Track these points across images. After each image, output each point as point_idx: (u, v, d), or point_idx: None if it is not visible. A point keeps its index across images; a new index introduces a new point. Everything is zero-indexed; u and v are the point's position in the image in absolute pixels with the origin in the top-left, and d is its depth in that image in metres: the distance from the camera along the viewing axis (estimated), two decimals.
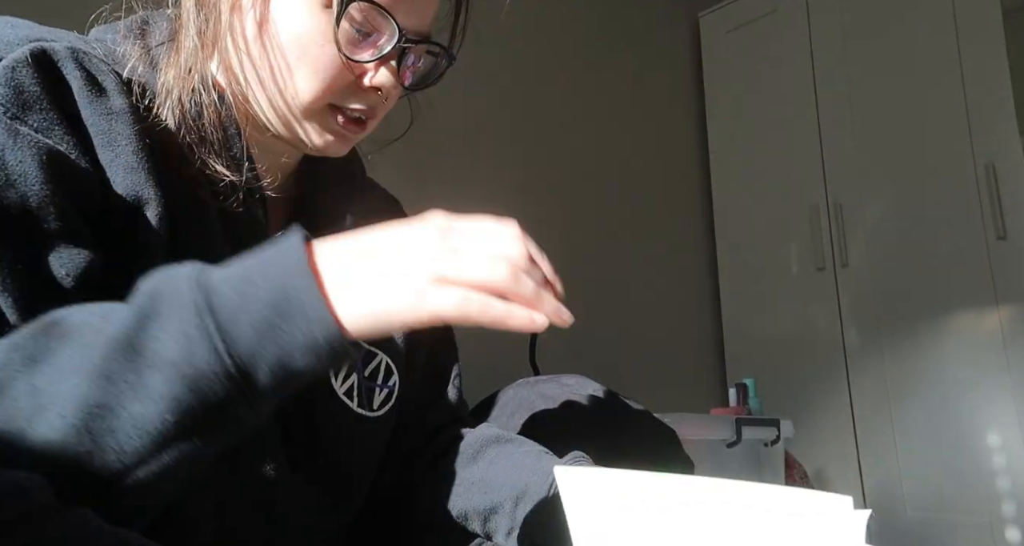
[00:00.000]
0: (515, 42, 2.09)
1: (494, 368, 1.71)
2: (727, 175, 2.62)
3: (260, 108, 0.59)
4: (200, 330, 0.39)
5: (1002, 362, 1.93)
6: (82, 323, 0.41)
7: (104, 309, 0.42)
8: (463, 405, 0.83)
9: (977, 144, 2.04)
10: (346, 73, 0.57)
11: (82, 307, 0.43)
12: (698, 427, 1.53)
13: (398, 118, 0.70)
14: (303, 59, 0.56)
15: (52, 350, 0.39)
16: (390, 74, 0.59)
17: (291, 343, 0.40)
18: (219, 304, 0.39)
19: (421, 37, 0.60)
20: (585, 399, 0.81)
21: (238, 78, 0.58)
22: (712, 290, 2.61)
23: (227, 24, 0.57)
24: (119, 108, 0.51)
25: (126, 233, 0.51)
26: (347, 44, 0.56)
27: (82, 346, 0.39)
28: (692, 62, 2.77)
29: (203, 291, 0.40)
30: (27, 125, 0.47)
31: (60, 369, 0.39)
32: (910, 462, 2.06)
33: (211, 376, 0.39)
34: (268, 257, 0.42)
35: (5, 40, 0.49)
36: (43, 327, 0.41)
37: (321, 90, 0.57)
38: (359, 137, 0.63)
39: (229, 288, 0.40)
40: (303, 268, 0.41)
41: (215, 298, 0.40)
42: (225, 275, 0.41)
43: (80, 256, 0.48)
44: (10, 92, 0.47)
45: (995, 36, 2.03)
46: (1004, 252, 1.96)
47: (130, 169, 0.51)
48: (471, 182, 1.95)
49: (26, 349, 0.39)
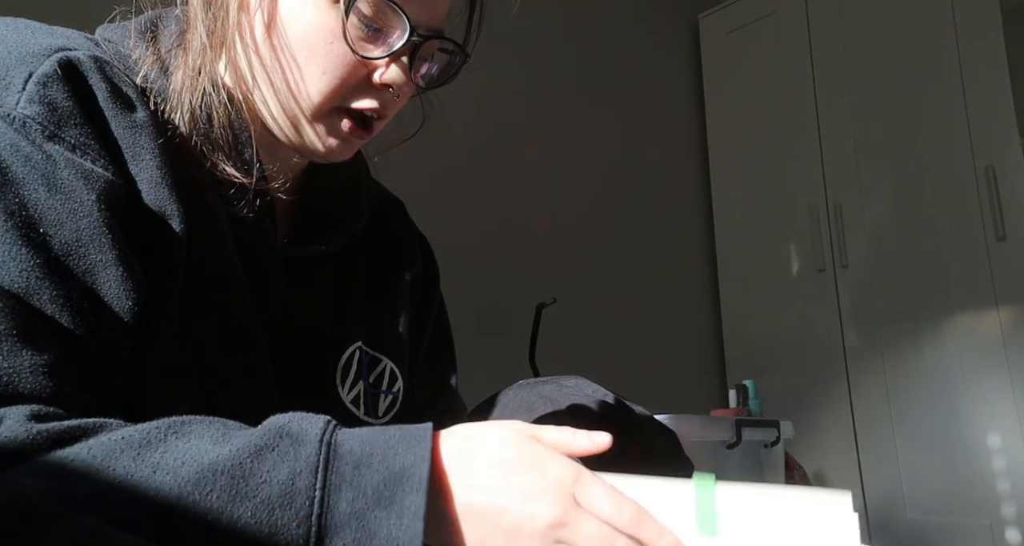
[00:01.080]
0: (514, 44, 2.09)
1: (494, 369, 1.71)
2: (727, 176, 2.62)
3: (268, 109, 0.58)
4: (307, 484, 0.40)
5: (1002, 364, 1.93)
6: (204, 429, 0.42)
7: (228, 427, 0.43)
8: (463, 408, 0.83)
9: (977, 146, 2.04)
10: (357, 70, 0.56)
11: (205, 419, 0.43)
12: (698, 428, 1.53)
13: (404, 119, 0.70)
14: (313, 57, 0.55)
15: (168, 442, 0.40)
16: (401, 70, 0.57)
17: (375, 530, 0.40)
18: (337, 464, 0.41)
19: (433, 33, 0.59)
20: (585, 400, 0.81)
21: (246, 79, 0.57)
22: (712, 291, 2.61)
23: (235, 23, 0.56)
24: (142, 121, 0.51)
25: (152, 247, 0.50)
26: (357, 40, 0.55)
27: (198, 450, 0.40)
28: (692, 63, 2.77)
29: (328, 448, 0.41)
30: (64, 143, 0.46)
31: (168, 465, 0.39)
32: (910, 464, 2.05)
33: (293, 532, 0.39)
34: (399, 440, 0.42)
35: (30, 50, 0.48)
36: (169, 424, 0.41)
37: (332, 89, 0.56)
38: (363, 142, 0.62)
39: (350, 455, 0.41)
40: (421, 476, 0.41)
41: (335, 458, 0.41)
42: (352, 443, 0.42)
43: (136, 283, 0.48)
44: (45, 110, 0.46)
45: (995, 37, 2.03)
46: (1004, 253, 1.96)
47: (154, 183, 0.50)
48: (470, 183, 1.95)
49: (142, 436, 0.40)
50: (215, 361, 0.54)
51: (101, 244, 0.46)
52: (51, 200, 0.45)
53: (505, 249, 1.99)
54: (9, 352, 0.41)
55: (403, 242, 0.77)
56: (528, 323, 1.75)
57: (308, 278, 0.65)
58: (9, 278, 0.42)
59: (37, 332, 0.43)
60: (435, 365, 0.80)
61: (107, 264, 0.46)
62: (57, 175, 0.45)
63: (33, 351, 0.42)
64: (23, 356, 0.41)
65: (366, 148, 0.74)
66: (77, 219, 0.45)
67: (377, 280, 0.72)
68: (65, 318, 0.44)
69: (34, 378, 0.41)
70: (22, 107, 0.46)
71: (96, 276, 0.46)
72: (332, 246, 0.66)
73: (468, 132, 1.95)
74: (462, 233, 1.86)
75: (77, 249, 0.45)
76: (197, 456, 0.39)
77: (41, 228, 0.44)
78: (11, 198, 0.44)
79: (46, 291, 0.43)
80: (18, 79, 0.46)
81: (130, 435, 0.40)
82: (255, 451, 0.40)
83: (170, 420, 0.42)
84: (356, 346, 0.67)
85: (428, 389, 0.78)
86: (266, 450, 0.40)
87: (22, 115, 0.45)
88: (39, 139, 0.45)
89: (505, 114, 2.09)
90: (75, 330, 0.44)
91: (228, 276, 0.56)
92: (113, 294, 0.46)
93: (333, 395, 0.65)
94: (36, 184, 0.45)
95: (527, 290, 1.89)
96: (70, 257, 0.45)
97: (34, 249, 0.43)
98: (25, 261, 0.43)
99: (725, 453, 1.58)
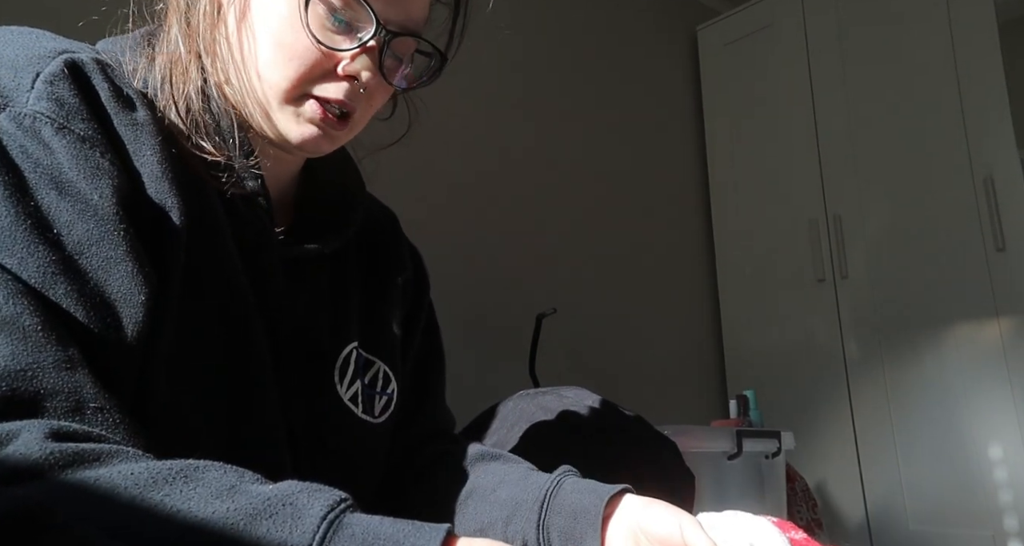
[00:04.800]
0: (514, 53, 2.10)
1: (494, 380, 1.71)
2: (726, 187, 2.62)
3: (244, 103, 0.59)
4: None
5: (1003, 373, 1.93)
6: (215, 478, 0.42)
7: (242, 480, 0.42)
8: (450, 419, 0.83)
9: (975, 157, 2.05)
10: (322, 62, 0.57)
11: (222, 466, 0.43)
12: (699, 439, 1.52)
13: (394, 124, 0.70)
14: (279, 46, 0.56)
15: (173, 487, 0.40)
16: (367, 63, 0.58)
17: None
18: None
19: (405, 31, 0.60)
20: (585, 411, 0.81)
21: (221, 68, 0.59)
22: (712, 302, 2.61)
23: (211, 15, 0.58)
24: (142, 119, 0.53)
25: (154, 241, 0.52)
26: (324, 31, 0.56)
27: (198, 499, 0.40)
28: (690, 75, 2.78)
29: (328, 526, 0.40)
30: (74, 135, 0.48)
31: (173, 509, 0.39)
32: (911, 475, 2.05)
33: None
34: (408, 533, 0.41)
35: (37, 53, 0.50)
36: (182, 467, 0.41)
37: (299, 75, 0.57)
38: (342, 136, 0.62)
39: (351, 541, 0.40)
40: None
41: (333, 540, 0.40)
42: (357, 529, 0.41)
43: (146, 277, 0.49)
44: (53, 105, 0.48)
45: (992, 49, 2.04)
46: (1003, 264, 1.97)
47: (155, 177, 0.52)
48: (470, 194, 1.96)
49: (150, 474, 0.40)
50: (215, 355, 0.55)
51: (112, 241, 0.47)
52: (62, 201, 0.47)
53: (505, 259, 2.00)
54: (34, 347, 0.42)
55: (395, 249, 0.78)
56: (528, 333, 1.75)
57: (304, 278, 0.66)
58: (27, 274, 0.44)
59: (59, 328, 0.44)
60: (423, 375, 0.80)
61: (118, 260, 0.47)
62: (65, 176, 0.47)
63: (58, 347, 0.43)
64: (48, 351, 0.42)
65: (354, 150, 0.74)
66: (86, 218, 0.47)
67: (370, 283, 0.73)
68: (80, 314, 0.45)
69: (57, 374, 0.42)
70: (32, 104, 0.48)
71: (109, 272, 0.47)
72: (328, 246, 0.67)
73: (467, 143, 1.96)
74: (462, 243, 1.86)
75: (89, 247, 0.47)
76: (196, 507, 0.39)
77: (55, 228, 0.46)
78: (26, 200, 0.46)
79: (61, 287, 0.45)
80: (27, 79, 0.49)
81: (139, 472, 0.40)
82: (253, 514, 0.39)
83: (184, 463, 0.42)
84: (352, 347, 0.68)
85: (412, 398, 0.78)
86: (263, 515, 0.39)
87: (32, 111, 0.48)
88: (49, 135, 0.47)
89: (505, 125, 2.10)
90: (90, 325, 0.46)
91: (228, 272, 0.57)
92: (125, 289, 0.47)
93: (332, 392, 0.65)
94: (47, 186, 0.47)
95: (527, 300, 1.89)
96: (83, 255, 0.46)
97: (50, 247, 0.45)
98: (42, 258, 0.45)
99: (726, 464, 1.58)
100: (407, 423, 0.76)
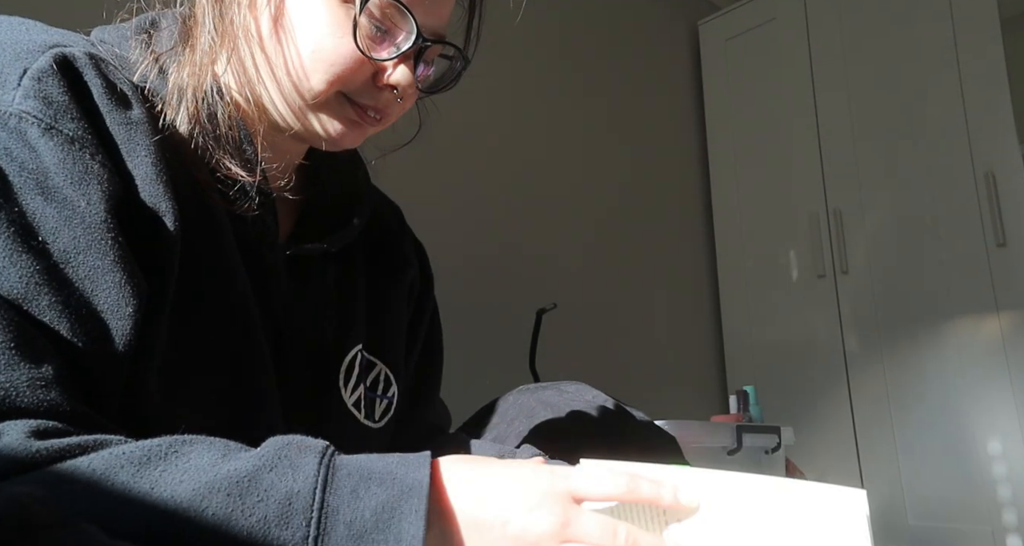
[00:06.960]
0: (515, 49, 2.10)
1: (494, 374, 1.71)
2: (727, 182, 2.62)
3: (273, 104, 0.58)
4: (304, 505, 0.40)
5: (1003, 369, 1.93)
6: (205, 449, 0.42)
7: (229, 448, 0.43)
8: (445, 415, 0.83)
9: (976, 152, 2.04)
10: (363, 69, 0.57)
11: (207, 439, 0.43)
12: (699, 434, 1.53)
13: (401, 124, 0.70)
14: (319, 52, 0.55)
15: (168, 461, 0.40)
16: (408, 73, 0.58)
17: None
18: (335, 486, 0.41)
19: (437, 37, 0.60)
20: (585, 406, 0.81)
21: (250, 74, 0.57)
22: (712, 297, 2.61)
23: (244, 19, 0.56)
24: (137, 118, 0.51)
25: (147, 245, 0.50)
26: (365, 40, 0.55)
27: (196, 469, 0.40)
28: (691, 70, 2.78)
29: (326, 469, 0.41)
30: (62, 136, 0.46)
31: (168, 481, 0.39)
32: (911, 470, 2.05)
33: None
34: (397, 464, 0.43)
35: (25, 47, 0.48)
36: (171, 442, 0.41)
37: (335, 82, 0.56)
38: (373, 130, 0.62)
39: (348, 478, 0.41)
40: (421, 497, 0.41)
41: (334, 480, 0.41)
42: (351, 467, 0.42)
43: (136, 287, 0.47)
44: (41, 104, 0.45)
45: (993, 45, 2.04)
46: (1004, 259, 1.96)
47: (149, 180, 0.50)
48: (471, 189, 1.95)
49: (142, 452, 0.40)
50: (216, 362, 0.54)
51: (100, 249, 0.45)
52: (48, 207, 0.44)
53: (506, 254, 1.99)
54: (6, 366, 0.40)
55: (400, 245, 0.77)
56: (528, 328, 1.75)
57: (309, 279, 0.65)
58: (8, 285, 0.42)
59: (36, 344, 0.42)
60: (422, 373, 0.80)
61: (106, 269, 0.45)
62: (51, 181, 0.45)
63: (31, 364, 0.41)
64: (21, 369, 0.41)
65: (364, 151, 0.74)
66: (73, 225, 0.45)
67: (375, 283, 0.73)
68: (64, 326, 0.43)
69: (32, 392, 0.41)
70: (18, 103, 0.45)
71: (96, 282, 0.45)
72: (334, 245, 0.66)
73: (469, 138, 1.96)
74: (463, 238, 1.86)
75: (75, 255, 0.45)
76: (196, 475, 0.39)
77: (40, 236, 0.44)
78: (9, 206, 0.43)
79: (45, 298, 0.43)
80: (13, 76, 0.46)
81: (131, 451, 0.40)
82: (253, 470, 0.40)
83: (172, 438, 0.41)
84: (358, 349, 0.67)
85: (411, 397, 0.77)
86: (264, 469, 0.40)
87: (18, 110, 0.45)
88: (35, 136, 0.45)
89: (505, 120, 2.09)
90: (73, 339, 0.44)
91: (229, 275, 0.55)
92: (113, 300, 0.46)
93: (336, 397, 0.64)
94: (32, 192, 0.44)
95: (527, 295, 1.89)
96: (68, 264, 0.44)
97: (33, 256, 0.43)
98: (25, 268, 0.42)
99: (726, 459, 1.58)
100: (406, 421, 0.75)
